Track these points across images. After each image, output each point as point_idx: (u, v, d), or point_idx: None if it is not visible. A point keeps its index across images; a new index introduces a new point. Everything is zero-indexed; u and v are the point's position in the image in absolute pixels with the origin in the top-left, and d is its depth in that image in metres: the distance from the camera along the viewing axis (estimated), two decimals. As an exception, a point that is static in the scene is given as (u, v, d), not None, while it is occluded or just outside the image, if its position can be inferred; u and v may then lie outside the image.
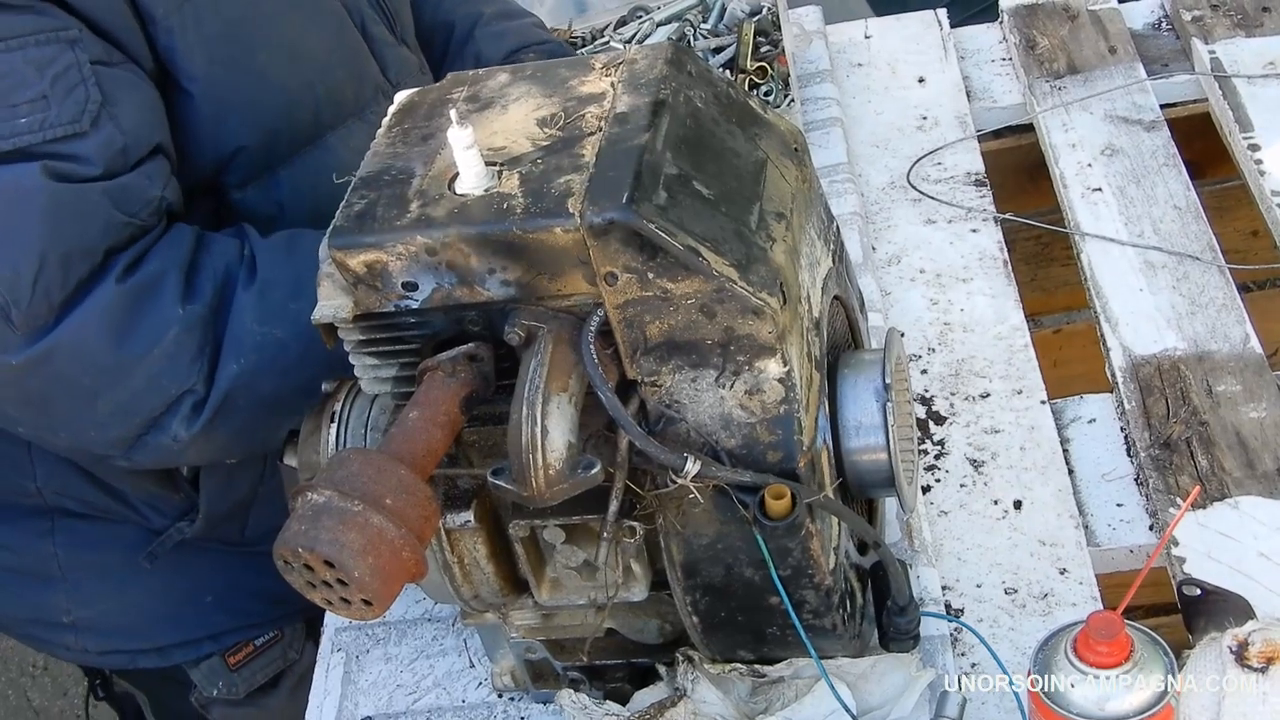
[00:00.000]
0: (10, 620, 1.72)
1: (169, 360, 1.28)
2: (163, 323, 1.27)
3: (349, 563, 0.93)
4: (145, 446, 1.33)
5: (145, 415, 1.30)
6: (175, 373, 1.28)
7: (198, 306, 1.29)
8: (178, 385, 1.29)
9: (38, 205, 1.22)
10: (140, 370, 1.27)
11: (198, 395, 1.30)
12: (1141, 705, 1.01)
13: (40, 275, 1.22)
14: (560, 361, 1.01)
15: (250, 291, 1.31)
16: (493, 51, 1.79)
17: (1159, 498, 1.40)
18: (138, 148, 1.29)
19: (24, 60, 1.22)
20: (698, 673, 1.19)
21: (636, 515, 1.08)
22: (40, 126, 1.22)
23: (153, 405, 1.30)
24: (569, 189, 1.00)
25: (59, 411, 1.32)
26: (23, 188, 1.22)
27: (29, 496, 1.54)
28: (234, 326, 1.31)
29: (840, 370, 1.17)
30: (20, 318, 1.23)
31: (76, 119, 1.24)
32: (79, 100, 1.24)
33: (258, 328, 1.31)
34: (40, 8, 1.23)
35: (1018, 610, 1.33)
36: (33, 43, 1.22)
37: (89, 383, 1.28)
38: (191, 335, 1.28)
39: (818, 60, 2.07)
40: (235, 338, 1.30)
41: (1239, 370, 1.51)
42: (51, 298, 1.24)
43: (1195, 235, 1.68)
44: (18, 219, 1.22)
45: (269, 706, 1.73)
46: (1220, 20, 1.98)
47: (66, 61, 1.23)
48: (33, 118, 1.22)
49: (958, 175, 1.87)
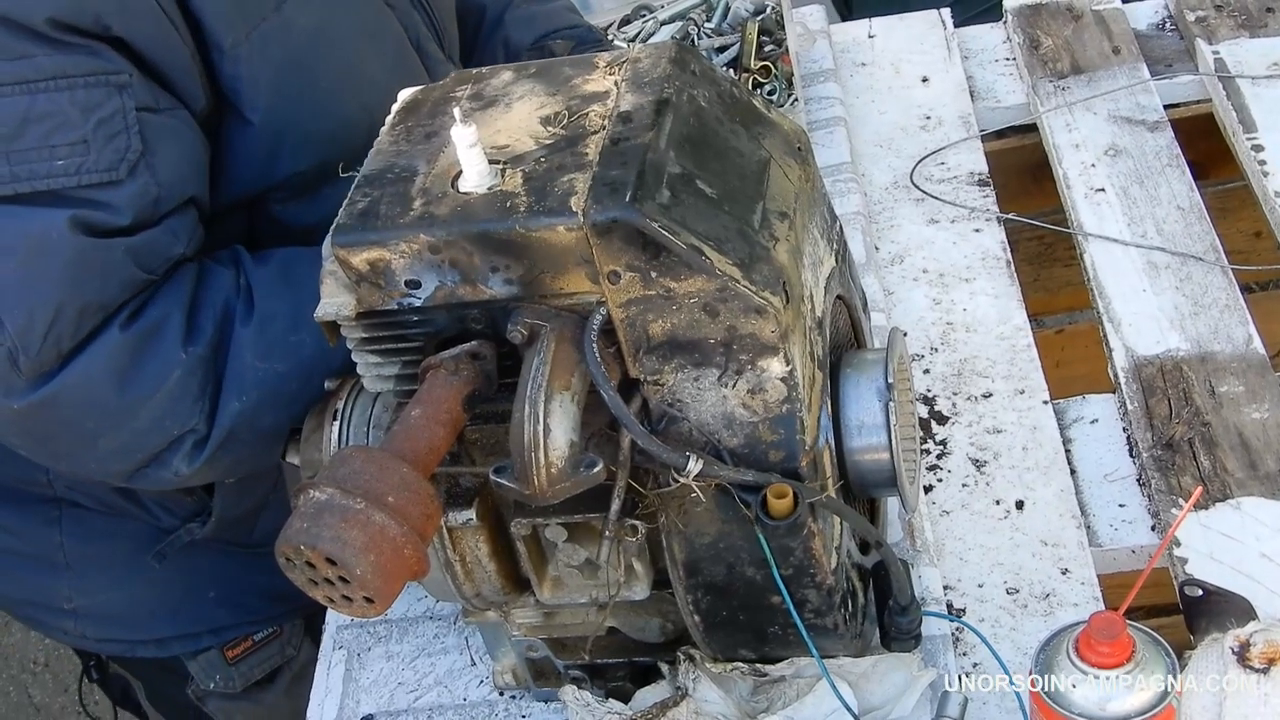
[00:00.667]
0: (9, 600, 1.72)
1: (172, 402, 1.27)
2: (166, 366, 1.26)
3: (351, 560, 0.93)
4: (145, 478, 1.33)
5: (147, 453, 1.30)
6: (178, 414, 1.28)
7: (199, 348, 1.27)
8: (180, 426, 1.28)
9: (61, 258, 1.21)
10: (143, 413, 1.26)
11: (199, 434, 1.29)
12: (1143, 706, 1.01)
13: (54, 325, 1.21)
14: (563, 360, 1.01)
15: (249, 327, 1.30)
16: (522, 35, 1.78)
17: (1161, 498, 1.40)
18: (169, 200, 1.27)
19: (70, 101, 1.20)
20: (699, 671, 1.19)
21: (638, 514, 1.08)
22: (76, 170, 1.21)
23: (154, 444, 1.29)
24: (572, 187, 1.00)
25: (60, 449, 1.32)
26: (49, 238, 1.20)
27: (39, 486, 1.54)
28: (234, 364, 1.29)
29: (843, 370, 1.17)
30: (28, 364, 1.22)
31: (113, 167, 1.22)
32: (119, 148, 1.22)
33: (259, 364, 1.29)
34: (95, 48, 1.21)
35: (1019, 610, 1.33)
36: (81, 84, 1.20)
37: (92, 425, 1.27)
38: (194, 377, 1.27)
39: (821, 59, 2.07)
40: (236, 375, 1.29)
41: (1241, 371, 1.51)
42: (61, 346, 1.23)
43: (1198, 236, 1.68)
44: (39, 268, 1.21)
45: (265, 701, 1.73)
46: (1224, 21, 1.98)
47: (113, 107, 1.22)
48: (70, 161, 1.20)
49: (961, 175, 1.86)
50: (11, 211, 1.20)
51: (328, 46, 1.39)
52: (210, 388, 1.29)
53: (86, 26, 1.20)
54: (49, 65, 1.19)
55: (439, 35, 1.60)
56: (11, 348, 1.22)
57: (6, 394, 1.24)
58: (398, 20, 1.51)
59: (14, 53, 1.18)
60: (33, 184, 1.20)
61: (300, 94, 1.35)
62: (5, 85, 1.18)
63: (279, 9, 1.34)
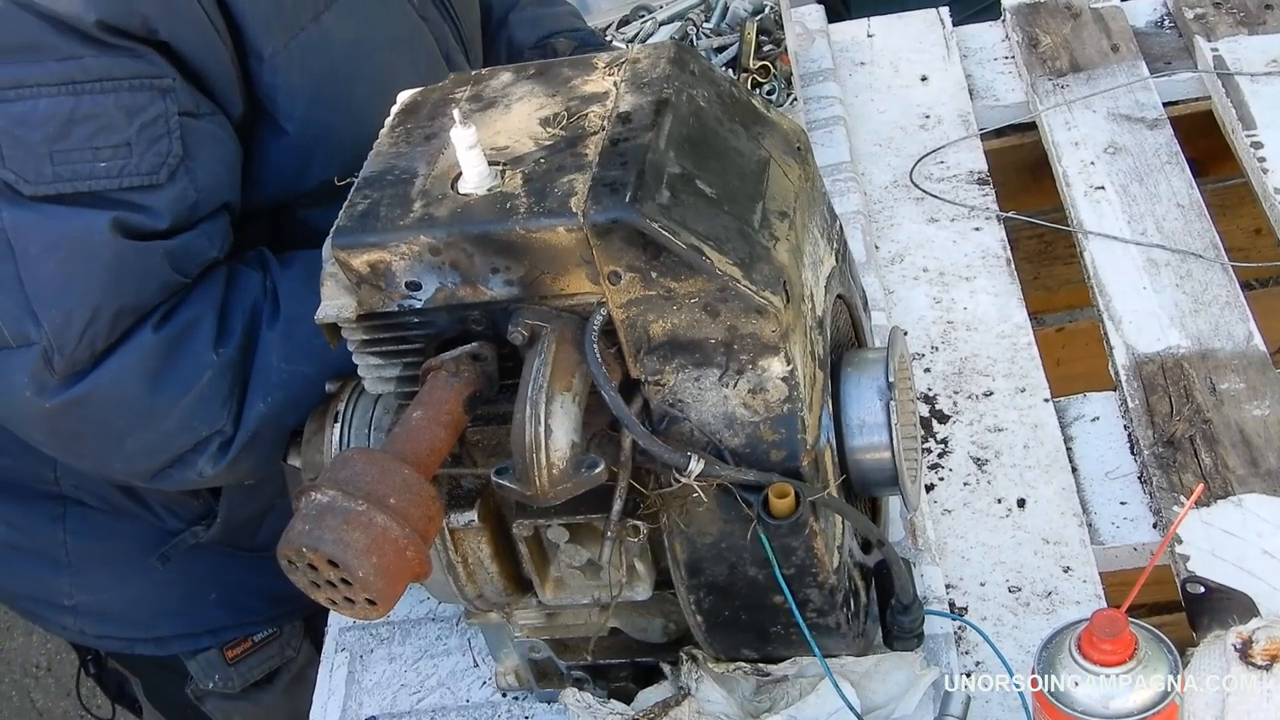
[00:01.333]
0: (9, 594, 1.72)
1: (202, 404, 1.28)
2: (197, 368, 1.27)
3: (353, 562, 0.93)
4: (169, 479, 1.33)
5: (172, 454, 1.30)
6: (206, 415, 1.28)
7: (229, 350, 1.28)
8: (208, 427, 1.29)
9: (102, 260, 1.21)
10: (173, 414, 1.27)
11: (226, 435, 1.30)
12: (1146, 703, 1.01)
13: (90, 326, 1.22)
14: (564, 361, 1.01)
15: (275, 329, 1.31)
16: (525, 36, 1.80)
17: (1162, 496, 1.40)
18: (206, 205, 1.28)
19: (115, 104, 1.20)
20: (702, 672, 1.19)
21: (640, 514, 1.08)
22: (118, 173, 1.21)
23: (182, 445, 1.30)
24: (572, 188, 1.00)
25: (86, 448, 1.32)
26: (90, 239, 1.21)
27: (45, 483, 1.54)
28: (260, 365, 1.30)
29: (843, 369, 1.17)
30: (61, 364, 1.23)
31: (155, 171, 1.23)
32: (160, 152, 1.23)
33: (284, 365, 1.30)
34: (140, 51, 1.22)
35: (1021, 608, 1.33)
36: (126, 87, 1.21)
37: (121, 425, 1.28)
38: (223, 379, 1.28)
39: (820, 59, 2.07)
40: (262, 376, 1.30)
41: (1242, 368, 1.51)
42: (95, 346, 1.23)
43: (1198, 233, 1.68)
44: (79, 268, 1.21)
45: (264, 702, 1.74)
46: (1223, 18, 1.98)
47: (156, 111, 1.22)
48: (113, 164, 1.21)
49: (960, 174, 1.87)
50: (53, 211, 1.21)
51: (364, 57, 1.40)
52: (238, 389, 1.30)
53: (134, 30, 1.21)
54: (95, 67, 1.19)
55: (465, 47, 1.62)
56: (47, 346, 1.22)
57: (39, 392, 1.24)
58: (430, 32, 1.52)
59: (62, 53, 1.19)
60: (75, 185, 1.20)
61: (336, 104, 1.36)
62: (52, 85, 1.18)
63: (318, 19, 1.35)
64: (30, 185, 1.19)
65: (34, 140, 1.18)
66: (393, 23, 1.46)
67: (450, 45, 1.57)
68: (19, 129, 1.18)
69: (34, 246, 1.21)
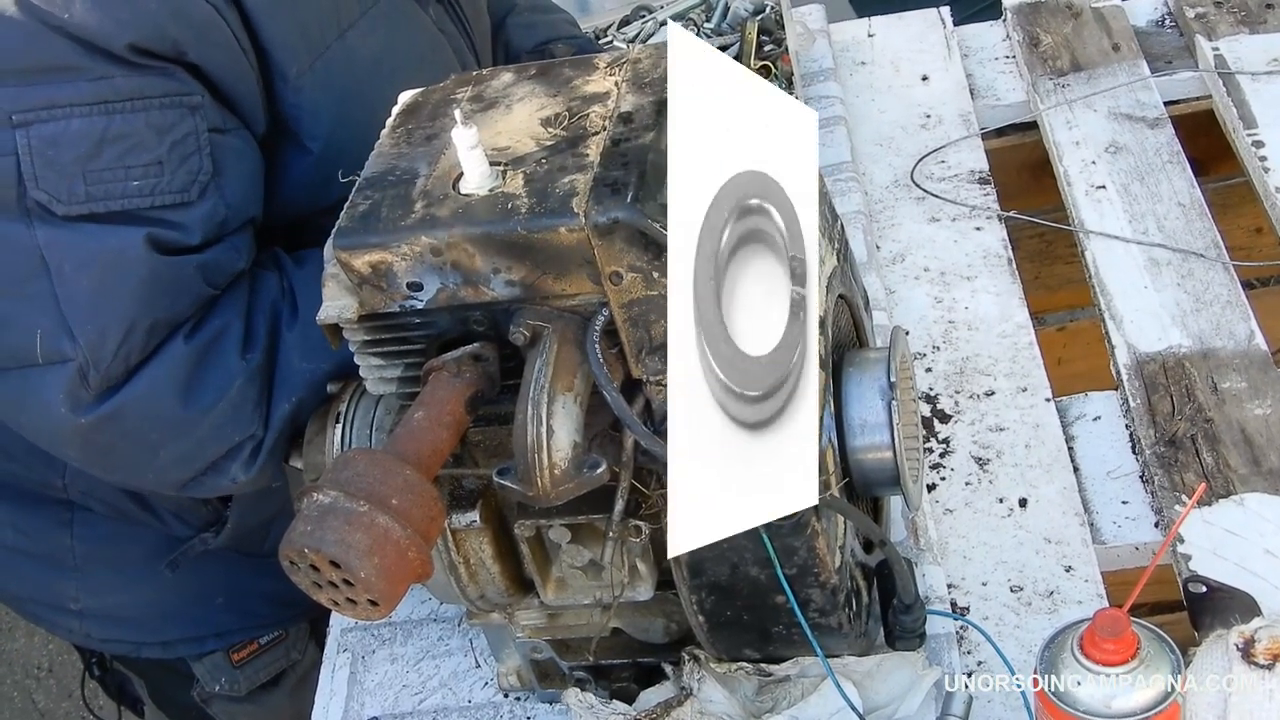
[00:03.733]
0: (15, 597, 1.72)
1: (234, 410, 1.28)
2: (228, 376, 1.27)
3: (355, 563, 0.93)
4: (202, 486, 1.33)
5: (206, 462, 1.30)
6: (239, 421, 1.28)
7: (256, 355, 1.29)
8: (241, 433, 1.29)
9: (136, 276, 1.21)
10: (206, 422, 1.27)
11: (257, 439, 1.30)
12: (1148, 703, 1.01)
13: (125, 341, 1.22)
14: (565, 361, 1.01)
15: (295, 329, 1.31)
16: (522, 41, 1.80)
17: (1164, 495, 1.40)
18: (235, 220, 1.29)
19: (146, 123, 1.21)
20: (704, 672, 1.19)
21: (642, 514, 1.08)
22: (151, 192, 1.22)
23: (215, 452, 1.30)
24: (573, 189, 1.00)
25: (119, 461, 1.32)
26: (125, 256, 1.21)
27: (53, 489, 1.54)
28: (283, 366, 1.30)
29: (845, 369, 1.17)
30: (97, 379, 1.23)
31: (186, 188, 1.23)
32: (191, 170, 1.23)
33: (304, 364, 1.30)
34: (169, 70, 1.22)
35: (1023, 608, 1.33)
36: (156, 105, 1.21)
37: (155, 437, 1.28)
38: (253, 384, 1.28)
39: (821, 59, 2.07)
40: (285, 377, 1.30)
41: (1244, 367, 1.51)
42: (130, 361, 1.23)
43: (1199, 232, 1.68)
44: (114, 284, 1.21)
45: (270, 704, 1.74)
46: (1224, 17, 1.98)
47: (186, 129, 1.23)
48: (145, 182, 1.21)
49: (961, 173, 1.87)
50: (87, 230, 1.21)
51: (388, 74, 1.40)
52: (266, 393, 1.30)
53: (164, 52, 1.21)
54: (126, 86, 1.20)
55: (478, 60, 1.63)
56: (83, 363, 1.22)
57: (74, 409, 1.24)
58: (449, 45, 1.52)
59: (94, 73, 1.19)
60: (108, 204, 1.21)
61: (360, 122, 1.35)
62: (84, 105, 1.19)
63: (342, 38, 1.36)
64: (63, 205, 1.19)
65: (66, 160, 1.19)
66: (414, 39, 1.47)
67: (467, 57, 1.57)
68: (51, 149, 1.18)
69: (68, 264, 1.21)
